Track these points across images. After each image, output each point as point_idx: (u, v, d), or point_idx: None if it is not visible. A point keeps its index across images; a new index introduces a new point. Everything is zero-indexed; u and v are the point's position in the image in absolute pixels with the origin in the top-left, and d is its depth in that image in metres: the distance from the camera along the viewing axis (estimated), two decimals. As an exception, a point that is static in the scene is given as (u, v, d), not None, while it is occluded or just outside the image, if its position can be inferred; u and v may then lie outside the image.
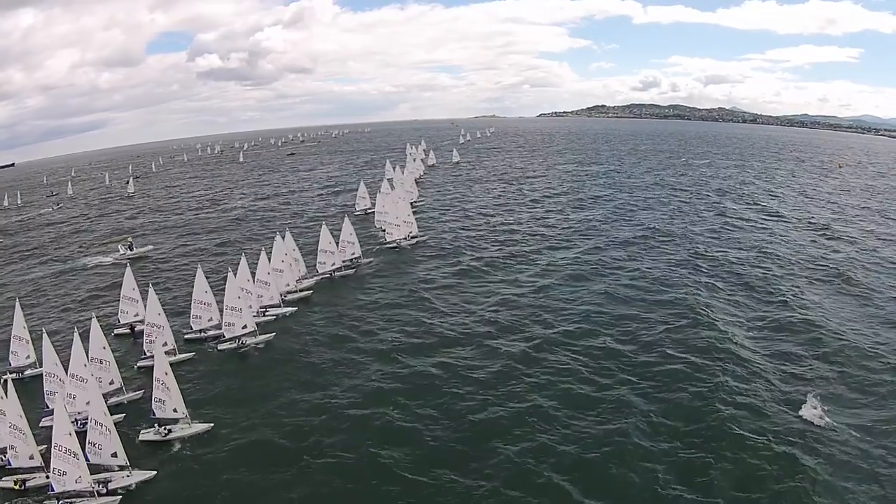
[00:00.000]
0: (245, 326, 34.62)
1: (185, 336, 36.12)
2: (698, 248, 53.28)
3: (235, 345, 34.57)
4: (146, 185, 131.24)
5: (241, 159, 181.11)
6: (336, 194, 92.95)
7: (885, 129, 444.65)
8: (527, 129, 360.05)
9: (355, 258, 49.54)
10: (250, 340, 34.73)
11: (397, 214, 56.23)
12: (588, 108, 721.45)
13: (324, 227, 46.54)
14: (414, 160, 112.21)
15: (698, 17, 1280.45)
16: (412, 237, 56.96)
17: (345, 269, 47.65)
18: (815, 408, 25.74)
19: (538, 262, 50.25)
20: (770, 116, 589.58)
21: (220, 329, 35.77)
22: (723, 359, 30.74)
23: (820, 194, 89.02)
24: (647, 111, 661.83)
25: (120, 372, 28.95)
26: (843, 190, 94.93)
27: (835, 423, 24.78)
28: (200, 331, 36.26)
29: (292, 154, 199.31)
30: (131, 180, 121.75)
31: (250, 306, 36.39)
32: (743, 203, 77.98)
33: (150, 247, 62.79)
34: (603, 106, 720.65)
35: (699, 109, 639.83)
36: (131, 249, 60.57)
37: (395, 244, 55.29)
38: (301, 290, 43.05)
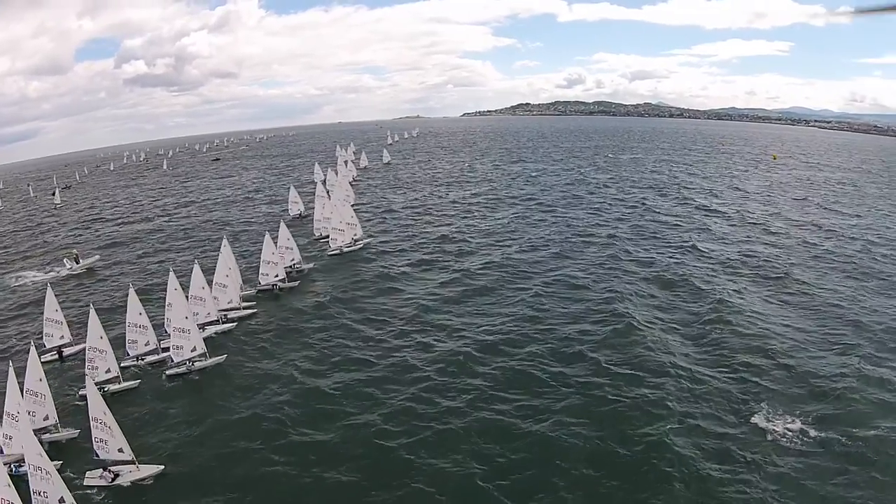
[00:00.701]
0: (194, 349, 32.44)
1: (121, 364, 33.41)
2: (626, 248, 53.10)
3: (184, 369, 32.34)
4: (72, 195, 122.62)
5: (165, 167, 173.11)
6: (264, 200, 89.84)
7: (815, 120, 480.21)
8: (452, 128, 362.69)
9: (295, 264, 47.97)
10: (199, 364, 32.54)
11: (341, 218, 54.69)
12: (512, 107, 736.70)
13: (267, 236, 44.60)
14: (346, 162, 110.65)
15: (624, 14, 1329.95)
16: (357, 240, 55.86)
17: (289, 280, 46.03)
18: (766, 414, 25.45)
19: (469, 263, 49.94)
20: (697, 110, 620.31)
21: (159, 353, 33.72)
22: (660, 369, 29.54)
23: (755, 188, 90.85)
24: (572, 108, 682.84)
25: (56, 404, 26.38)
26: (780, 183, 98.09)
27: (787, 430, 24.44)
28: (138, 357, 33.69)
29: (217, 160, 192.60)
30: (57, 191, 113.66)
31: (199, 327, 34.32)
32: (672, 199, 79.66)
33: (97, 257, 58.79)
34: (527, 104, 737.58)
35: (625, 105, 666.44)
36: (77, 262, 56.37)
37: (338, 251, 53.90)
38: (244, 307, 40.83)
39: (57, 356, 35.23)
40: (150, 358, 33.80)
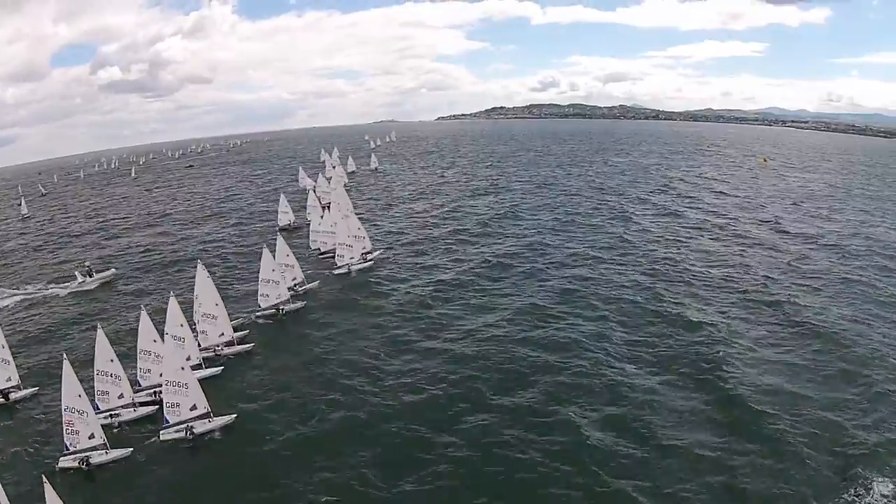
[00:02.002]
0: (194, 407, 24.97)
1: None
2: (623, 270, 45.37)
3: (183, 433, 24.82)
4: (40, 205, 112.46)
5: (134, 174, 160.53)
6: (245, 212, 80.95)
7: (792, 121, 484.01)
8: (431, 132, 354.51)
9: (297, 284, 40.79)
10: (201, 428, 25.03)
11: (347, 231, 47.02)
12: (487, 110, 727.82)
13: (265, 251, 37.41)
14: (333, 167, 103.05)
15: (598, 16, 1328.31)
16: (366, 254, 48.37)
17: (294, 299, 38.87)
18: None
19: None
20: (673, 112, 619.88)
21: (135, 409, 26.63)
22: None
23: (749, 196, 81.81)
24: (546, 111, 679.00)
25: None
26: (778, 192, 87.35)
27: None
28: (109, 413, 26.30)
29: (190, 167, 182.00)
30: (23, 200, 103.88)
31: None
32: (656, 208, 71.64)
33: (113, 270, 50.71)
34: (502, 107, 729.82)
35: (599, 108, 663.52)
36: (90, 276, 48.37)
37: (346, 269, 46.31)
38: (239, 342, 33.28)
39: (2, 399, 28.88)
40: (124, 415, 26.71)
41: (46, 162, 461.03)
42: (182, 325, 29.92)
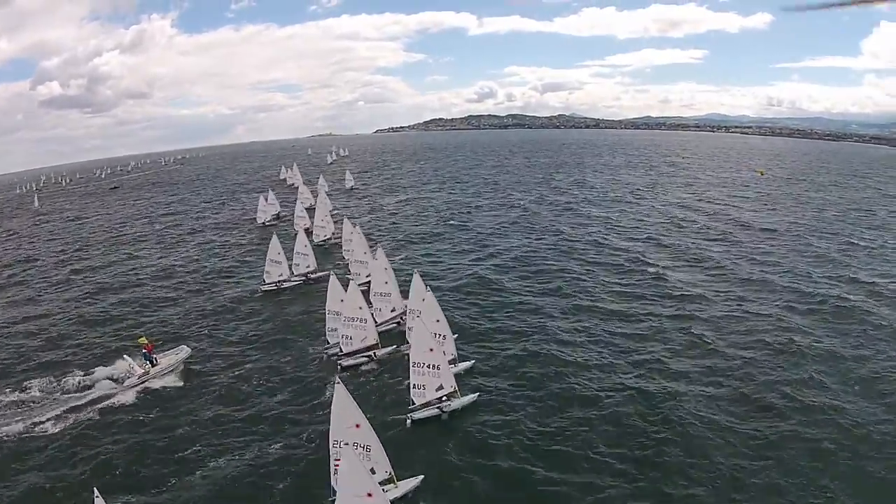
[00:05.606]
0: None
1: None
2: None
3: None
4: None
5: (37, 204, 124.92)
6: (191, 245, 63.76)
7: (735, 127, 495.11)
8: (376, 145, 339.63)
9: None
10: None
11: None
12: (425, 122, 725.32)
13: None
14: (315, 195, 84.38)
15: (535, 26, 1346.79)
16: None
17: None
18: None
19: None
20: (612, 121, 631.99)
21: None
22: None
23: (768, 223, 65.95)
24: (486, 122, 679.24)
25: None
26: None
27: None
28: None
29: (115, 188, 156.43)
30: None
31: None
32: (623, 236, 59.80)
33: (188, 350, 31.73)
34: (440, 119, 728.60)
35: (539, 118, 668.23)
36: (153, 364, 29.80)
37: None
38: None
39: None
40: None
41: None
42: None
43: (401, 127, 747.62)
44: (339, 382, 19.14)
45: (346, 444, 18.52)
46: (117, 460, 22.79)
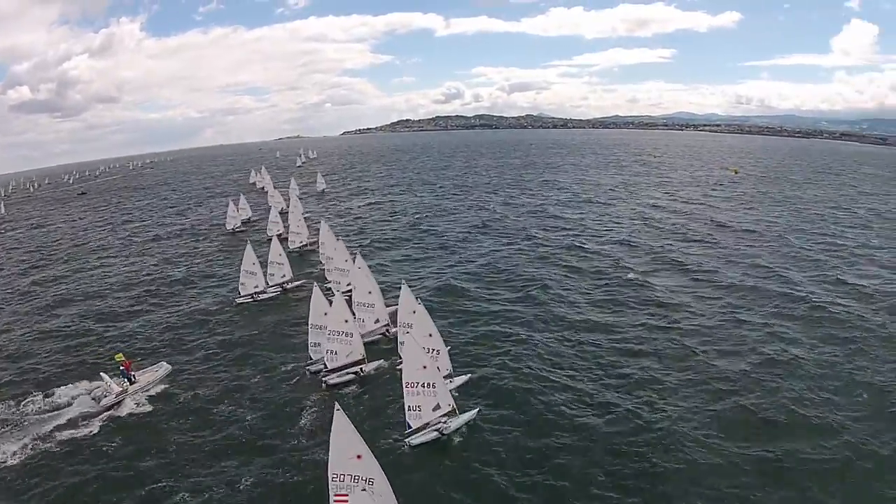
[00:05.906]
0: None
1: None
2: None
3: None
4: None
5: (3, 210, 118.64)
6: (156, 253, 61.66)
7: (703, 125, 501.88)
8: (344, 147, 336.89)
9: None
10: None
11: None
12: (392, 123, 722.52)
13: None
14: (287, 199, 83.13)
15: (502, 26, 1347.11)
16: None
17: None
18: None
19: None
20: (580, 120, 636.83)
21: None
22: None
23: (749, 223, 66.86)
24: (453, 123, 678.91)
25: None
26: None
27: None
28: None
29: (83, 193, 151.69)
30: None
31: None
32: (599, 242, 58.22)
33: (167, 367, 30.70)
34: (408, 120, 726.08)
35: (506, 118, 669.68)
36: (131, 382, 28.53)
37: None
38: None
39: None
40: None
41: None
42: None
43: (368, 129, 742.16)
44: (338, 409, 17.41)
45: (348, 475, 17.09)
46: (78, 495, 21.39)
